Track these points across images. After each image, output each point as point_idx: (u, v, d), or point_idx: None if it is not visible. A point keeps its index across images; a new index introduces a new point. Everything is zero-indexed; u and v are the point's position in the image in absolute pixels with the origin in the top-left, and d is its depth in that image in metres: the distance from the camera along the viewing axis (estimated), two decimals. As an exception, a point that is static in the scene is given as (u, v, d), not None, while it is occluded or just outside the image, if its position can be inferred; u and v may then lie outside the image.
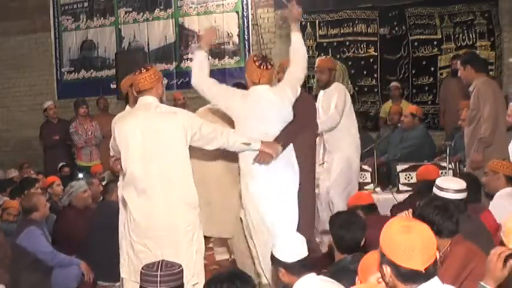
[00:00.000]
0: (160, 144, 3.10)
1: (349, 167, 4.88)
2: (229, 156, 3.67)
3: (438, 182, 3.33)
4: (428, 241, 1.82)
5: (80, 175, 6.44)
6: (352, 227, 2.96)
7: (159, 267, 2.48)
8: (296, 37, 3.80)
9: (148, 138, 3.10)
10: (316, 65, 5.03)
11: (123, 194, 3.22)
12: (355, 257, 2.77)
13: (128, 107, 3.76)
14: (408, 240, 1.79)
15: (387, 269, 1.84)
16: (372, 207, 4.04)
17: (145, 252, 3.08)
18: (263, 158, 3.40)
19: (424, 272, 1.79)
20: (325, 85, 4.92)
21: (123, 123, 3.21)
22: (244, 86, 4.40)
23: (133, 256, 3.16)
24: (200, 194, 3.98)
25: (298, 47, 3.78)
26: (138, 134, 3.11)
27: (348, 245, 2.93)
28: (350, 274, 2.50)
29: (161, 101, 3.28)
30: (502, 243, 2.08)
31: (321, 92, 5.04)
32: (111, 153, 3.42)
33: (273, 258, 2.67)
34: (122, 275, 3.27)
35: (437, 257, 1.86)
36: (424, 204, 2.80)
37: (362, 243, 2.97)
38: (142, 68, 3.20)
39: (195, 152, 3.96)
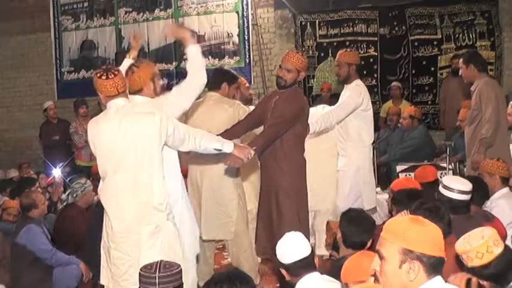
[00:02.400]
0: (134, 146, 3.00)
1: (358, 181, 4.53)
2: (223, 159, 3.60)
3: (445, 180, 3.36)
4: (438, 229, 1.88)
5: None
6: (362, 225, 2.98)
7: (157, 269, 2.47)
8: (192, 50, 3.48)
9: (120, 141, 3.00)
10: (335, 59, 4.62)
11: (101, 199, 3.12)
12: None
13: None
14: (431, 230, 1.84)
15: (415, 265, 1.82)
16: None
17: (123, 258, 3.00)
18: (233, 161, 3.35)
19: (445, 258, 1.84)
20: (344, 80, 4.50)
21: (95, 126, 3.11)
22: (233, 75, 4.31)
23: (110, 263, 3.08)
24: (194, 197, 3.93)
25: (193, 61, 3.47)
26: (110, 138, 3.02)
27: (355, 241, 2.94)
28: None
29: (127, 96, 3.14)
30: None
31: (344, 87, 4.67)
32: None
33: (276, 259, 2.69)
34: (102, 282, 3.18)
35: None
36: (414, 208, 2.84)
37: (369, 243, 2.98)
38: (114, 70, 3.02)
39: (192, 158, 3.94)
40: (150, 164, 3.02)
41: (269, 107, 3.84)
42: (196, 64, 3.46)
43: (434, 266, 1.83)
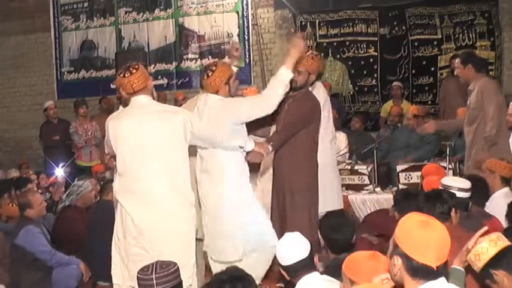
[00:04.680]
0: (160, 143, 3.06)
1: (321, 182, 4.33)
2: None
3: (443, 180, 3.39)
4: (444, 240, 1.83)
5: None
6: (343, 229, 3.00)
7: (154, 270, 2.48)
8: (285, 74, 3.43)
9: (146, 138, 3.06)
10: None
11: (118, 197, 3.15)
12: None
13: (121, 107, 3.73)
14: (425, 235, 1.80)
15: (398, 261, 1.84)
16: None
17: (143, 255, 3.03)
18: (254, 156, 3.48)
19: (435, 269, 1.80)
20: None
21: (118, 122, 3.16)
22: None
23: (127, 260, 3.11)
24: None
25: (279, 85, 3.43)
26: (135, 134, 3.07)
27: (340, 246, 2.95)
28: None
29: (153, 98, 3.27)
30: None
31: None
32: (106, 151, 3.41)
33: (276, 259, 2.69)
34: (115, 281, 3.21)
35: (448, 259, 1.86)
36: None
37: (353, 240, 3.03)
38: (131, 68, 3.10)
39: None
40: (176, 162, 3.09)
41: (283, 110, 3.92)
42: (279, 89, 3.42)
43: (416, 270, 1.81)
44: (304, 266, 2.58)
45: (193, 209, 3.19)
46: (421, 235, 1.80)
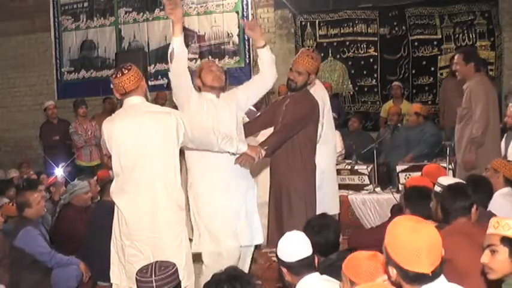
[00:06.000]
0: (154, 144, 3.06)
1: (321, 184, 4.28)
2: None
3: (440, 180, 3.37)
4: (434, 244, 1.80)
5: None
6: (325, 231, 3.00)
7: (153, 272, 2.46)
8: (266, 52, 3.77)
9: (139, 139, 3.05)
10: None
11: (114, 198, 3.16)
12: (340, 254, 2.81)
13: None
14: (414, 244, 1.77)
15: (393, 271, 1.83)
16: None
17: (137, 256, 3.04)
18: (244, 160, 3.43)
19: (430, 274, 1.79)
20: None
21: (111, 124, 3.15)
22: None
23: (123, 261, 3.11)
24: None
25: (268, 60, 3.76)
26: (129, 135, 3.06)
27: (324, 248, 2.95)
28: (338, 270, 2.50)
29: (146, 99, 3.26)
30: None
31: None
32: (104, 152, 3.42)
33: (277, 257, 2.69)
34: (113, 281, 3.22)
35: (443, 255, 1.84)
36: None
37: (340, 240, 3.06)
38: (123, 69, 3.12)
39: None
40: (167, 164, 3.08)
41: (281, 110, 3.92)
42: (271, 63, 3.74)
43: (412, 278, 1.80)
44: (307, 265, 2.60)
45: (183, 212, 3.16)
46: (410, 244, 1.78)
